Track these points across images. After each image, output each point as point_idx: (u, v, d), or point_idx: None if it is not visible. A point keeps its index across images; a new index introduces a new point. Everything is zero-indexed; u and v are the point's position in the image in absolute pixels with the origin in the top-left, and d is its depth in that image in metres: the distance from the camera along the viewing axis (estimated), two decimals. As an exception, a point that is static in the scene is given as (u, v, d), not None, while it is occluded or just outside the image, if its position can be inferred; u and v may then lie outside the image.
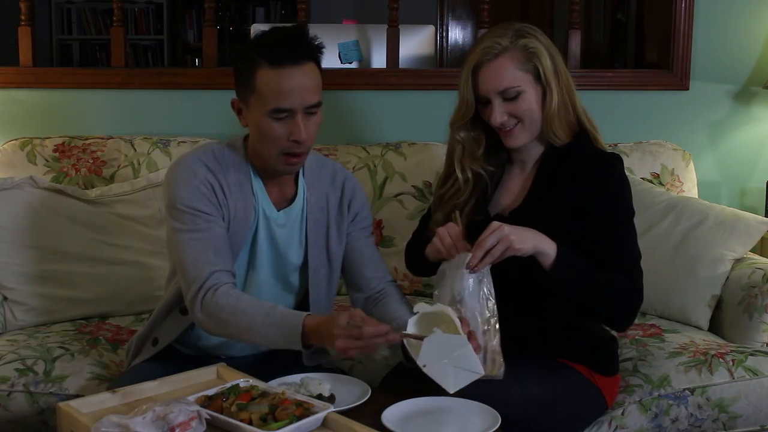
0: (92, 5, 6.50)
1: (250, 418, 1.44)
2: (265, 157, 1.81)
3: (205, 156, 1.84)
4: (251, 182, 1.86)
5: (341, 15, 4.58)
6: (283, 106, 1.72)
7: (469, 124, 1.93)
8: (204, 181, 1.80)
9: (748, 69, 3.05)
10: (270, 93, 1.72)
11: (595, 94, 3.05)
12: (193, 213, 1.78)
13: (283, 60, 1.72)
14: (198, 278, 1.74)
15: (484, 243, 1.68)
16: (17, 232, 2.42)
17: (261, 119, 1.75)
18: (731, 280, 2.41)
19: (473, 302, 1.67)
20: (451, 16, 6.34)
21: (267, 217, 1.87)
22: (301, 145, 1.76)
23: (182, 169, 1.82)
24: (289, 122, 1.74)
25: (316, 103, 1.76)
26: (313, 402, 1.50)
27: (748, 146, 3.09)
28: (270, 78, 1.72)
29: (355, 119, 3.03)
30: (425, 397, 1.63)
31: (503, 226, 1.70)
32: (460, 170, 1.95)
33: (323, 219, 1.92)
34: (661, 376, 2.11)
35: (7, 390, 2.07)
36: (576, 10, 3.11)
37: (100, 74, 3.11)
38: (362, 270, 1.96)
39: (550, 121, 1.87)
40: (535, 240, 1.73)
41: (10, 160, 2.74)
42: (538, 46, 1.85)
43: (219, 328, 1.74)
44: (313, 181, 1.92)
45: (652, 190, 2.67)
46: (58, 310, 2.43)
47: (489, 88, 1.85)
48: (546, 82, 1.85)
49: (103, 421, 1.36)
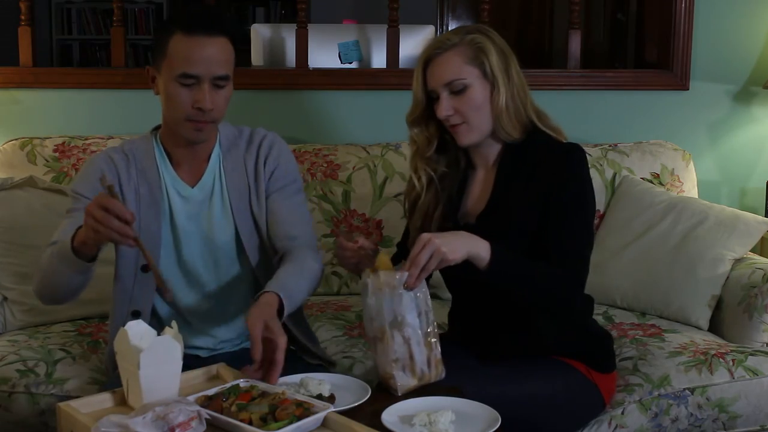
0: (92, 5, 6.50)
1: (251, 419, 1.43)
2: (171, 124, 1.87)
3: (113, 150, 1.94)
4: (157, 166, 1.91)
5: (341, 15, 4.59)
6: (190, 71, 1.78)
7: (423, 121, 1.94)
8: (98, 170, 1.87)
9: (748, 69, 3.06)
10: (180, 58, 1.78)
11: (595, 94, 3.06)
12: (75, 196, 1.88)
13: (196, 29, 1.78)
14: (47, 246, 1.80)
15: (419, 260, 1.65)
16: (17, 232, 2.42)
17: (169, 84, 1.80)
18: (731, 280, 2.41)
19: (413, 320, 1.66)
20: (451, 16, 6.34)
21: (182, 196, 1.91)
22: (205, 114, 1.81)
23: (84, 163, 1.97)
24: (195, 90, 1.79)
25: (223, 75, 1.81)
26: (313, 402, 1.50)
27: (748, 146, 3.09)
28: (181, 44, 1.78)
29: (355, 119, 3.03)
30: (425, 397, 1.63)
31: (432, 239, 1.66)
32: (415, 173, 1.97)
33: (243, 184, 1.93)
34: (661, 375, 2.11)
35: (8, 391, 2.07)
36: (576, 10, 3.11)
37: (100, 74, 3.11)
38: (275, 233, 1.90)
39: (498, 117, 1.87)
40: (467, 246, 1.70)
41: (10, 160, 2.74)
42: (486, 43, 1.86)
43: (36, 280, 1.82)
44: (230, 149, 1.95)
45: (652, 190, 2.67)
46: (58, 310, 2.43)
47: (436, 82, 1.87)
48: (492, 77, 1.86)
49: (103, 421, 1.36)
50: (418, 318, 1.67)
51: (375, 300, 1.66)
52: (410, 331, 1.66)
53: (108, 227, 1.56)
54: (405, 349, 1.65)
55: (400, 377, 1.65)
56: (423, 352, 1.67)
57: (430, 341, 1.68)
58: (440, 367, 1.70)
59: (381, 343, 1.66)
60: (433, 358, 1.68)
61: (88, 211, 1.58)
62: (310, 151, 2.78)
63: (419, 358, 1.66)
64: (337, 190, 2.73)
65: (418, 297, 1.68)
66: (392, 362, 1.65)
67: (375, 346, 1.69)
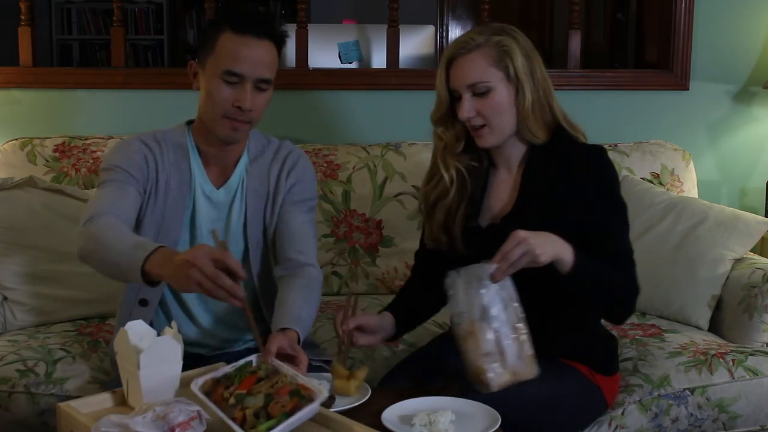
0: (92, 5, 6.49)
1: (244, 415, 1.42)
2: (208, 121, 1.87)
3: (146, 136, 1.92)
4: (189, 161, 1.91)
5: (341, 15, 4.58)
6: (235, 69, 1.80)
7: (448, 120, 1.92)
8: (137, 150, 1.88)
9: (748, 69, 3.05)
10: (227, 55, 1.81)
11: (595, 94, 3.06)
12: (114, 169, 1.85)
13: (247, 30, 1.81)
14: (93, 210, 1.75)
15: (510, 255, 1.64)
16: (17, 232, 2.42)
17: (212, 80, 1.82)
18: (731, 280, 2.41)
19: (500, 313, 1.65)
20: (451, 16, 6.34)
21: (207, 197, 1.91)
22: (243, 113, 1.82)
23: (119, 143, 1.94)
24: (237, 88, 1.81)
25: (267, 78, 1.84)
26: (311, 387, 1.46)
27: (748, 146, 3.09)
28: (230, 42, 1.81)
29: (355, 119, 3.03)
30: (425, 397, 1.63)
31: (528, 238, 1.64)
32: (445, 168, 1.94)
33: (263, 190, 1.94)
34: (661, 376, 2.11)
35: (8, 391, 2.06)
36: (576, 10, 3.11)
37: (100, 74, 3.11)
38: (283, 243, 1.90)
39: (525, 119, 1.86)
40: (555, 248, 1.69)
41: (10, 160, 2.74)
42: (511, 45, 1.84)
43: (88, 244, 1.70)
44: (257, 156, 1.96)
45: (652, 190, 2.67)
46: (58, 310, 2.43)
47: (459, 82, 1.85)
48: (518, 80, 1.84)
49: (103, 421, 1.36)
50: (504, 311, 1.65)
51: (464, 294, 1.65)
52: (498, 324, 1.64)
53: (219, 286, 1.48)
54: (495, 343, 1.64)
55: (492, 371, 1.63)
56: (513, 346, 1.65)
57: (519, 337, 1.66)
58: (533, 363, 1.68)
59: (471, 338, 1.64)
60: (524, 353, 1.66)
61: (194, 264, 1.47)
62: (310, 151, 2.78)
63: (510, 351, 1.65)
64: (337, 190, 2.73)
65: (504, 287, 1.66)
66: (483, 356, 1.63)
67: (466, 343, 1.65)
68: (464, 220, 1.93)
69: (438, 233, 1.95)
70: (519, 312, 1.68)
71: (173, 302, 1.94)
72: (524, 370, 1.66)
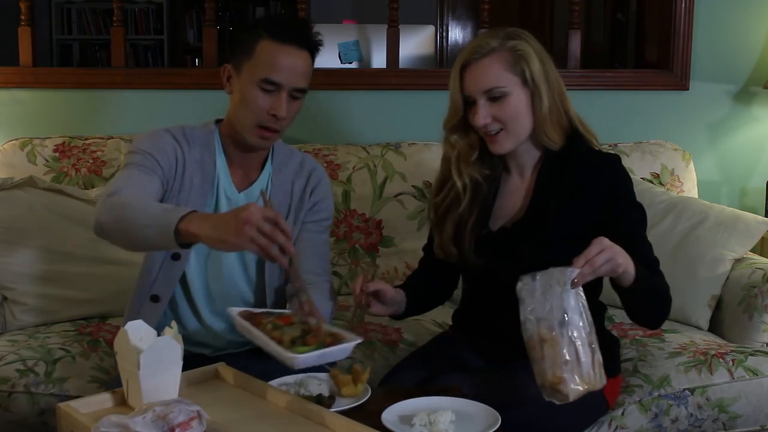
0: (92, 5, 6.49)
1: (281, 338, 1.48)
2: (240, 127, 1.86)
3: (175, 130, 1.91)
4: (215, 161, 1.90)
5: (341, 15, 4.58)
6: (273, 78, 1.80)
7: (462, 127, 1.89)
8: (168, 142, 1.86)
9: (748, 69, 3.06)
10: (265, 63, 1.81)
11: (595, 94, 3.06)
12: (143, 154, 1.83)
13: (287, 39, 1.81)
14: (117, 186, 1.74)
15: (595, 261, 1.59)
16: (17, 232, 2.42)
17: (249, 86, 1.82)
18: (731, 280, 2.41)
19: (576, 318, 1.59)
20: (451, 16, 6.34)
21: (228, 198, 1.91)
22: (278, 121, 1.83)
23: (150, 132, 1.91)
24: (273, 96, 1.82)
25: (303, 88, 1.85)
26: (345, 334, 1.54)
27: (748, 146, 3.09)
28: (270, 50, 1.81)
29: (355, 119, 3.03)
30: (425, 397, 1.63)
31: (614, 246, 1.61)
32: (458, 176, 1.91)
33: (285, 202, 1.94)
34: (661, 376, 2.11)
35: (8, 390, 2.06)
36: (576, 10, 3.11)
37: (100, 74, 3.12)
38: (302, 258, 1.91)
39: (542, 124, 1.84)
40: (627, 261, 1.66)
41: (10, 160, 2.74)
42: (527, 49, 1.82)
43: (112, 216, 1.66)
44: (281, 167, 1.96)
45: (652, 190, 2.67)
46: (58, 310, 2.43)
47: (474, 88, 1.82)
48: (534, 85, 1.82)
49: (103, 421, 1.36)
50: (580, 318, 1.59)
51: (543, 298, 1.59)
52: (576, 332, 1.58)
53: (274, 241, 1.49)
54: (573, 351, 1.58)
55: (570, 381, 1.57)
56: (588, 354, 1.59)
57: (592, 345, 1.61)
58: (603, 373, 1.63)
59: (549, 345, 1.57)
60: (596, 362, 1.61)
61: (249, 220, 1.46)
62: (310, 151, 2.77)
63: (585, 360, 1.59)
64: (337, 190, 2.72)
65: (579, 295, 1.60)
66: (563, 365, 1.57)
67: (542, 351, 1.58)
68: (475, 227, 1.90)
69: (448, 246, 1.92)
70: (591, 319, 1.62)
71: (182, 300, 1.94)
72: (595, 380, 1.61)
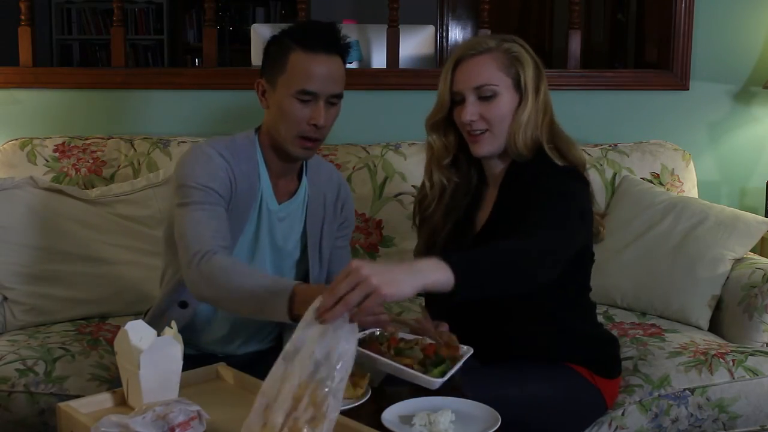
0: (92, 5, 6.50)
1: (412, 364, 1.54)
2: (281, 140, 1.86)
3: (219, 146, 1.88)
4: (259, 173, 1.90)
5: (341, 15, 4.58)
6: (309, 88, 1.80)
7: (442, 126, 1.90)
8: (221, 166, 1.84)
9: (748, 69, 3.06)
10: (300, 74, 1.80)
11: (595, 94, 3.06)
12: (205, 190, 1.80)
13: (317, 47, 1.81)
14: (200, 243, 1.73)
15: (336, 288, 1.33)
16: (17, 232, 2.42)
17: (285, 99, 1.82)
18: (731, 280, 2.41)
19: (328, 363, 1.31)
20: (451, 16, 6.34)
21: (269, 210, 1.91)
22: (318, 130, 1.83)
23: (198, 154, 1.86)
24: (311, 106, 1.82)
25: (338, 93, 1.86)
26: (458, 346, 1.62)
27: (748, 146, 3.09)
28: (302, 61, 1.81)
29: (355, 119, 3.02)
30: (425, 397, 1.62)
31: (362, 268, 1.33)
32: (428, 177, 1.94)
33: (321, 214, 1.97)
34: (661, 376, 2.11)
35: (8, 390, 2.07)
36: (576, 10, 3.11)
37: (100, 74, 3.11)
38: (330, 268, 2.00)
39: (515, 131, 1.81)
40: (415, 279, 1.39)
41: (10, 160, 2.74)
42: (523, 54, 1.83)
43: (210, 289, 1.70)
44: (313, 178, 1.98)
45: (652, 190, 2.67)
46: (58, 310, 2.43)
47: (465, 84, 1.83)
48: (524, 90, 1.81)
49: (103, 421, 1.36)
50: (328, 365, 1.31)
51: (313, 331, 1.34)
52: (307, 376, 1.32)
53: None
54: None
55: None
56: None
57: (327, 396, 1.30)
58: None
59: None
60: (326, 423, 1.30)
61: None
62: (310, 151, 2.78)
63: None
64: (337, 190, 2.72)
65: (338, 336, 1.32)
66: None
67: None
68: (455, 236, 1.90)
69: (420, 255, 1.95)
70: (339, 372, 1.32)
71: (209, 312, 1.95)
72: None
